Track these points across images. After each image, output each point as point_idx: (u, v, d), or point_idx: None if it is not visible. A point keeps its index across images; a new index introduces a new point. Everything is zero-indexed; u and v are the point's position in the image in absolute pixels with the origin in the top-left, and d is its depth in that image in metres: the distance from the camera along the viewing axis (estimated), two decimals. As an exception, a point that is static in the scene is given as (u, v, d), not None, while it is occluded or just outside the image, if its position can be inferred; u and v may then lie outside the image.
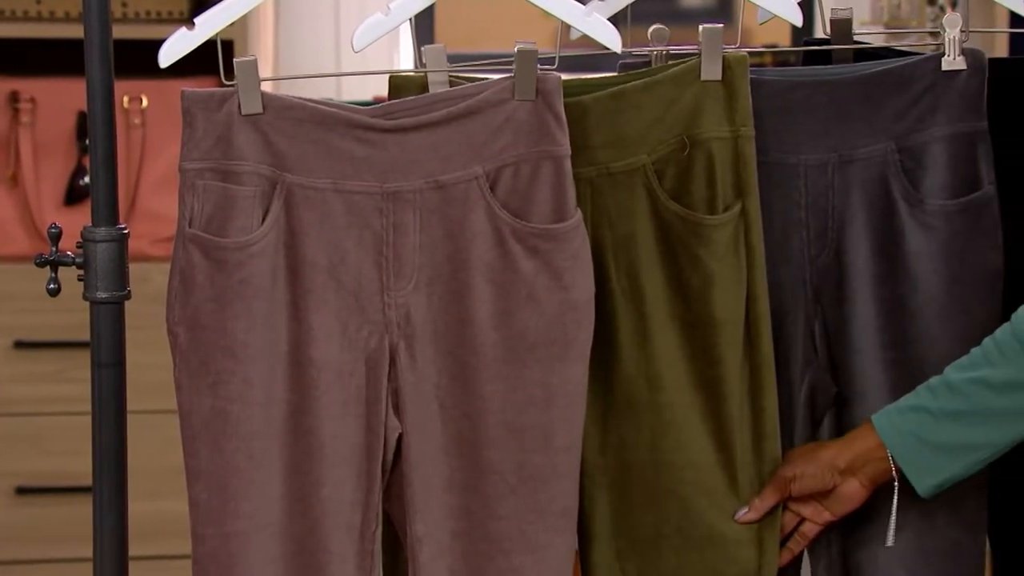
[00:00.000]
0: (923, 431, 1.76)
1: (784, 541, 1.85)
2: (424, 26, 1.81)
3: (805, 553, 1.89)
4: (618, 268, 1.81)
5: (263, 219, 1.72)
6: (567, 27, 1.78)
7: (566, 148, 1.75)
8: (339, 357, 1.74)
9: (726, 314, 1.79)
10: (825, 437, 1.88)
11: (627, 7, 1.93)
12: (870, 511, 1.85)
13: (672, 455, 1.81)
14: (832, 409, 1.88)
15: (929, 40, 2.95)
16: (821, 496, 1.83)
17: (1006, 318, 1.84)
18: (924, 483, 1.77)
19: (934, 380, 1.77)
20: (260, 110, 1.72)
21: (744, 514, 1.83)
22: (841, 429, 1.87)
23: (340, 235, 1.74)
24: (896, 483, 1.80)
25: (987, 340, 1.76)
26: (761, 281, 1.80)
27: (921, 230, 1.84)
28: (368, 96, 3.37)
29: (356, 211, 1.74)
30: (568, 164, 1.75)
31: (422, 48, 1.77)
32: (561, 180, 1.74)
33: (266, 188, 1.73)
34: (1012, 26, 3.32)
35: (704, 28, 1.79)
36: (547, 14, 1.78)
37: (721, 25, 1.79)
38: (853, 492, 1.81)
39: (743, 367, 1.81)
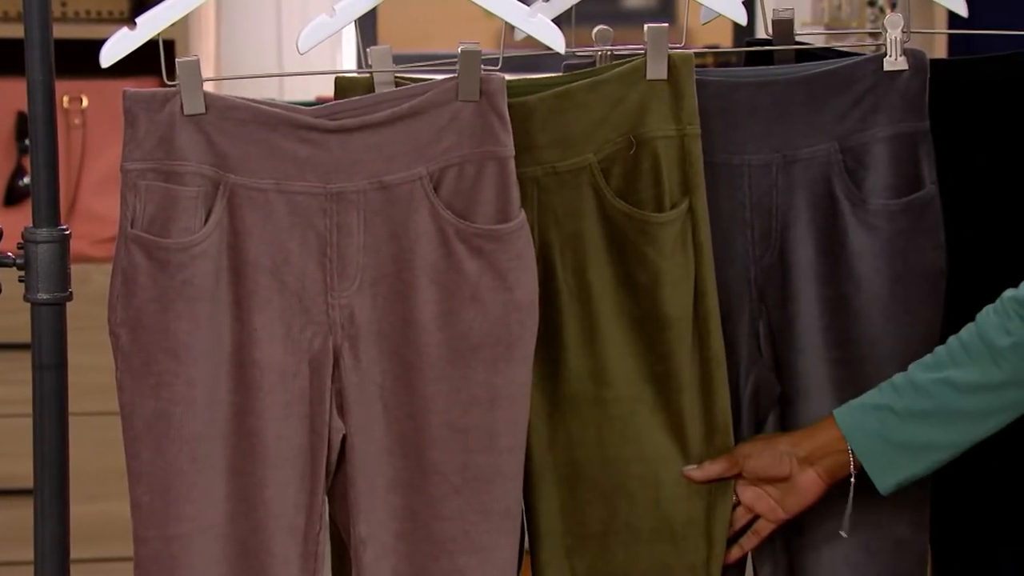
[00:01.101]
0: (887, 430, 1.76)
1: (736, 537, 1.86)
2: (367, 26, 1.81)
3: (749, 551, 1.90)
4: (565, 267, 1.81)
5: (206, 220, 1.72)
6: (511, 28, 1.78)
7: (510, 149, 1.75)
8: (283, 358, 1.74)
9: (675, 311, 1.80)
10: None
11: (571, 8, 1.93)
12: (816, 508, 1.86)
13: (619, 450, 1.82)
14: (776, 408, 1.89)
15: (869, 41, 2.96)
16: (776, 485, 1.82)
17: (948, 317, 1.86)
18: (885, 481, 1.78)
19: (898, 379, 1.78)
20: (203, 110, 1.71)
21: (691, 469, 1.83)
22: (785, 428, 1.88)
23: (283, 236, 1.73)
24: (853, 479, 1.79)
25: (952, 339, 1.76)
26: (710, 278, 1.81)
27: (864, 230, 1.85)
28: (311, 96, 3.37)
29: (300, 212, 1.73)
30: (512, 165, 1.75)
31: (368, 49, 1.77)
32: (505, 181, 1.74)
33: (209, 189, 1.72)
34: (951, 27, 3.34)
35: (649, 27, 1.79)
36: (490, 14, 1.78)
37: (666, 25, 1.80)
38: (810, 483, 1.81)
39: (693, 363, 1.81)
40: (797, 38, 1.96)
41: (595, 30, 1.89)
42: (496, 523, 1.77)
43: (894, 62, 1.85)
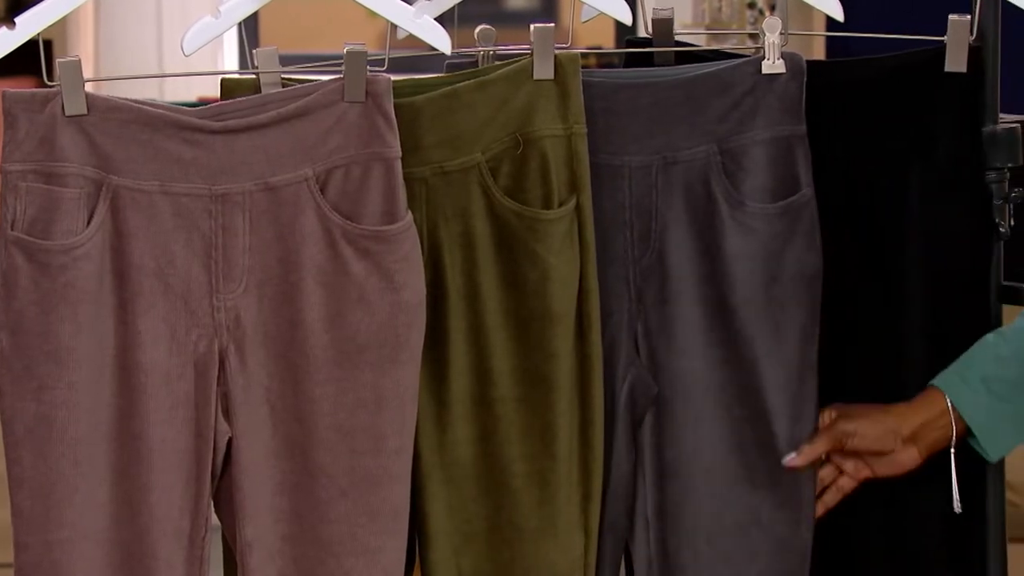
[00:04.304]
0: (1000, 401, 1.82)
1: (820, 495, 1.90)
2: (248, 27, 1.80)
3: (627, 548, 1.91)
4: (454, 266, 1.82)
5: (88, 221, 1.70)
6: (395, 27, 1.78)
7: (396, 150, 1.75)
8: (167, 361, 1.72)
9: (561, 308, 1.81)
10: (646, 438, 1.89)
11: (454, 8, 1.93)
12: (693, 507, 1.87)
13: (504, 448, 1.83)
14: (653, 408, 1.89)
15: (749, 42, 3.00)
16: (871, 456, 1.86)
17: (825, 316, 1.88)
18: (999, 451, 1.84)
19: (1002, 349, 1.84)
20: (84, 111, 1.70)
21: (792, 459, 1.86)
22: (662, 430, 1.89)
23: (168, 238, 1.72)
24: (953, 453, 1.85)
25: None
26: (593, 276, 1.83)
27: (741, 232, 1.87)
28: (192, 97, 3.35)
29: (184, 213, 1.72)
30: (399, 166, 1.75)
31: (254, 51, 1.76)
32: (392, 182, 1.74)
33: (91, 190, 1.70)
34: (829, 29, 3.38)
35: (535, 28, 1.80)
36: (373, 15, 1.78)
37: (552, 25, 1.81)
38: (909, 460, 1.86)
39: (574, 360, 1.83)
40: (677, 39, 1.97)
41: (478, 30, 1.90)
42: (383, 524, 1.77)
43: (772, 65, 1.87)
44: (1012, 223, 1.96)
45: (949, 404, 1.85)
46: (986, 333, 1.91)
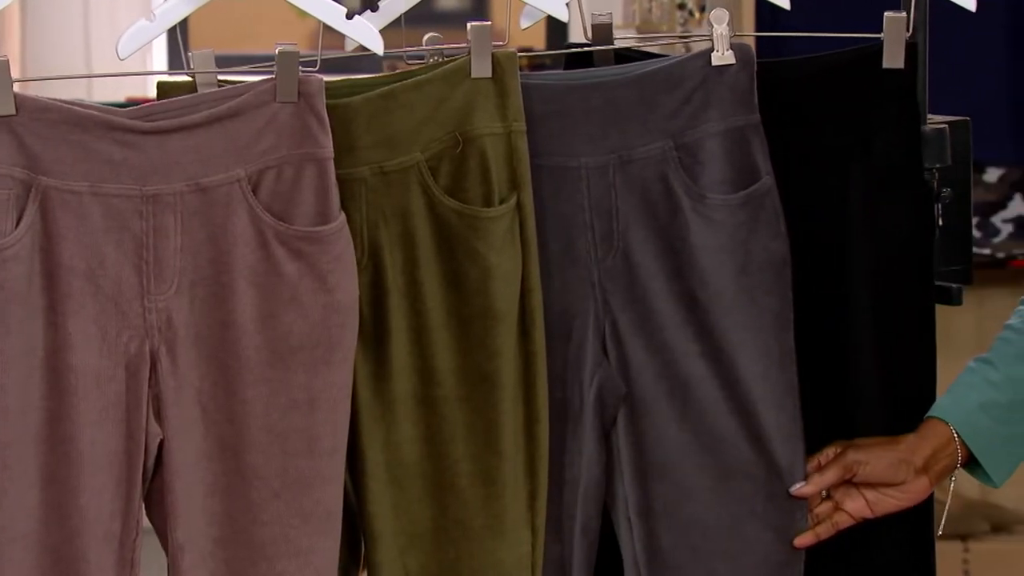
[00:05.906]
0: (999, 425, 1.85)
1: (815, 526, 1.91)
2: (179, 27, 1.80)
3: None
4: (395, 266, 1.81)
5: (17, 223, 1.69)
6: (342, 35, 1.78)
7: (329, 150, 1.75)
8: (98, 363, 1.71)
9: (504, 306, 1.81)
10: (621, 439, 1.88)
11: (402, 13, 1.93)
12: (688, 501, 1.88)
13: (449, 447, 1.83)
14: (626, 409, 1.88)
15: (679, 43, 3.00)
16: (878, 488, 1.88)
17: (796, 304, 1.89)
18: (1000, 475, 1.87)
19: (992, 374, 1.87)
20: (13, 111, 1.69)
21: (799, 487, 1.87)
22: (642, 430, 1.88)
23: (99, 239, 1.71)
24: (954, 480, 1.89)
25: (1016, 325, 1.87)
26: (535, 273, 1.83)
27: (705, 225, 1.86)
28: (121, 98, 3.33)
29: (115, 214, 1.71)
30: (331, 166, 1.75)
31: (191, 53, 1.76)
32: (324, 182, 1.74)
33: (20, 191, 1.69)
34: (759, 29, 3.41)
35: (472, 26, 1.80)
36: (304, 15, 1.77)
37: (489, 23, 1.81)
38: (922, 489, 1.88)
39: (518, 358, 1.83)
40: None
41: (426, 37, 1.89)
42: (316, 526, 1.77)
43: (721, 57, 1.87)
44: (941, 223, 1.98)
45: (954, 432, 1.87)
46: (929, 329, 1.94)
